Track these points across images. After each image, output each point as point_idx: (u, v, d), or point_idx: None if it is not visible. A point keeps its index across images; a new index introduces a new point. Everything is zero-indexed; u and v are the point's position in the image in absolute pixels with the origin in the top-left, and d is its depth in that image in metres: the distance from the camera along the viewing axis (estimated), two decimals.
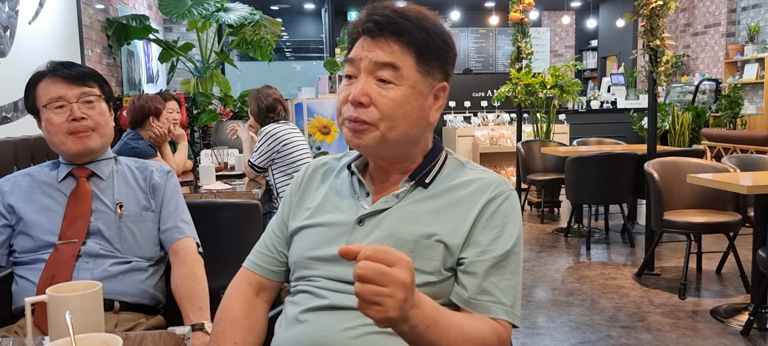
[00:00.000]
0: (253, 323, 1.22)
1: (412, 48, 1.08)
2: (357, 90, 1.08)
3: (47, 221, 1.56)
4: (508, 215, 1.12)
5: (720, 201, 3.80)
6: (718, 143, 7.68)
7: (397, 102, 1.08)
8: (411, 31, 1.07)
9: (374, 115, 1.08)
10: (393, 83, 1.07)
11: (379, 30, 1.07)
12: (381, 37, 1.08)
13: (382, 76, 1.07)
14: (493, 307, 1.07)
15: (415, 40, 1.08)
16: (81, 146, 1.58)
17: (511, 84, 6.43)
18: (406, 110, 1.09)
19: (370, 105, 1.07)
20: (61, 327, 1.04)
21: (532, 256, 4.70)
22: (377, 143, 1.10)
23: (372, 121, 1.08)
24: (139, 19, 5.26)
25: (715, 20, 9.87)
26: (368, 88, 1.07)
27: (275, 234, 1.25)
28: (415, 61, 1.08)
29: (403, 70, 1.07)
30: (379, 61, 1.07)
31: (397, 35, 1.07)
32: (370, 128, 1.08)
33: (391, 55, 1.07)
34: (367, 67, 1.08)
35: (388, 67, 1.07)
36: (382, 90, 1.08)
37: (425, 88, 1.10)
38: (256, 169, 3.50)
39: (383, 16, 1.08)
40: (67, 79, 1.56)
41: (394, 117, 1.08)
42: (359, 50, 1.09)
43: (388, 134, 1.09)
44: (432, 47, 1.09)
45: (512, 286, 1.09)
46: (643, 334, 3.13)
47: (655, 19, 3.95)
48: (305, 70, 8.67)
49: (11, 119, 3.39)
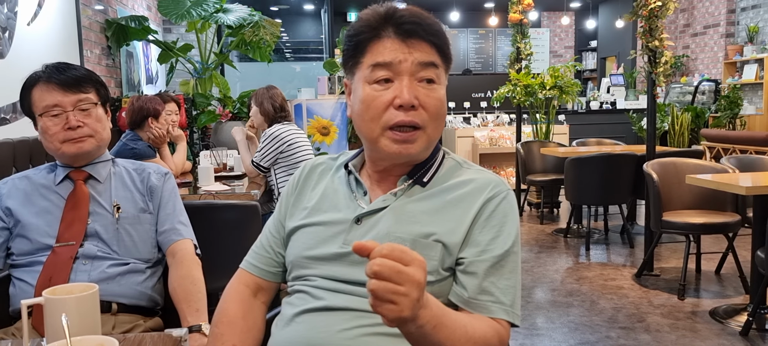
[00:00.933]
0: (251, 324, 1.21)
1: (438, 47, 1.09)
2: (407, 93, 1.05)
3: (45, 223, 1.56)
4: (507, 214, 1.12)
5: (719, 202, 3.80)
6: (718, 144, 7.69)
7: (442, 101, 1.10)
8: (439, 31, 1.09)
9: (424, 118, 1.07)
10: (436, 83, 1.08)
11: (415, 30, 1.06)
12: (415, 38, 1.07)
13: (427, 76, 1.07)
14: (493, 307, 1.06)
15: (441, 40, 1.09)
16: (76, 150, 1.58)
17: (510, 85, 6.43)
18: (444, 110, 1.11)
19: (419, 107, 1.07)
20: (58, 329, 1.04)
21: (532, 256, 4.70)
22: (424, 148, 1.10)
23: (424, 124, 1.08)
24: (138, 20, 5.26)
25: (715, 21, 9.87)
26: (416, 90, 1.06)
27: (272, 235, 1.25)
28: (442, 60, 1.10)
29: (440, 69, 1.09)
30: (423, 61, 1.06)
31: (431, 35, 1.08)
32: (420, 134, 1.08)
33: (430, 54, 1.08)
34: (410, 68, 1.06)
35: (430, 66, 1.07)
36: (428, 91, 1.08)
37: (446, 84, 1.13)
38: (261, 168, 3.51)
39: (413, 17, 1.07)
40: (62, 86, 1.55)
41: (439, 117, 1.10)
42: (396, 52, 1.06)
43: (434, 137, 1.10)
44: (447, 45, 1.12)
45: (511, 285, 1.09)
46: (642, 335, 3.13)
47: (654, 20, 3.95)
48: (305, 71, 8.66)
49: (10, 121, 3.39)
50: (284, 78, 8.22)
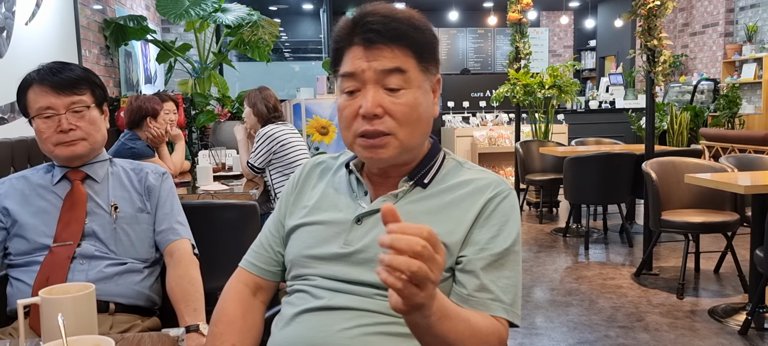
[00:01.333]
0: (251, 323, 1.21)
1: (411, 49, 1.06)
2: (369, 103, 1.04)
3: (42, 223, 1.55)
4: (507, 213, 1.11)
5: (718, 201, 3.80)
6: (717, 143, 7.69)
7: (411, 106, 1.06)
8: (406, 33, 1.06)
9: (391, 125, 1.06)
10: (403, 88, 1.06)
11: (376, 37, 1.04)
12: (378, 44, 1.05)
13: (391, 84, 1.05)
14: (493, 305, 1.06)
15: (413, 41, 1.06)
16: (68, 153, 1.58)
17: (509, 84, 6.43)
18: (420, 113, 1.08)
19: (384, 115, 1.05)
20: (54, 329, 1.04)
21: (531, 256, 4.70)
22: (397, 154, 1.08)
23: (390, 131, 1.06)
24: (136, 19, 5.25)
25: (713, 20, 9.88)
26: (379, 98, 1.05)
27: (272, 233, 1.25)
28: (416, 62, 1.07)
29: (410, 72, 1.06)
30: (385, 69, 1.04)
31: (396, 39, 1.05)
32: (389, 140, 1.07)
33: (394, 60, 1.05)
34: (373, 77, 1.05)
35: (395, 73, 1.05)
36: (393, 98, 1.06)
37: (427, 85, 1.10)
38: (255, 169, 3.50)
39: (377, 23, 1.05)
40: (56, 88, 1.55)
41: (410, 122, 1.07)
42: (358, 62, 1.05)
43: (408, 142, 1.08)
44: (426, 43, 1.09)
45: (511, 284, 1.08)
46: (641, 334, 3.13)
47: (653, 19, 3.95)
48: (303, 71, 8.66)
49: (8, 120, 3.39)
50: (283, 78, 8.22)
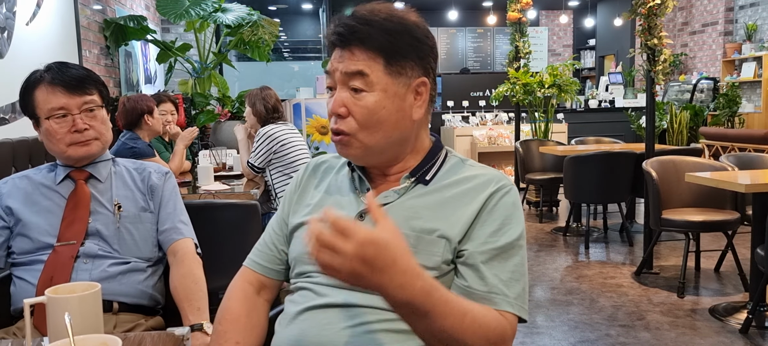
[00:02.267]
0: (255, 322, 1.22)
1: (379, 52, 1.08)
2: (334, 102, 1.10)
3: (45, 222, 1.55)
4: (510, 208, 1.11)
5: (718, 200, 3.81)
6: (716, 142, 7.70)
7: (370, 109, 1.08)
8: (372, 36, 1.07)
9: (352, 126, 1.10)
10: (365, 90, 1.08)
11: (344, 40, 1.09)
12: (348, 47, 1.09)
13: (354, 85, 1.09)
14: (497, 298, 1.05)
15: (380, 44, 1.08)
16: (83, 153, 1.59)
17: (509, 83, 6.43)
18: (382, 115, 1.09)
19: (348, 115, 1.09)
20: (60, 328, 1.04)
21: (531, 255, 4.70)
22: (362, 153, 1.12)
23: (351, 132, 1.10)
24: (136, 19, 5.25)
25: (713, 19, 9.88)
26: (344, 98, 1.09)
27: (276, 232, 1.25)
28: (384, 64, 1.08)
29: (371, 76, 1.08)
30: (348, 71, 1.08)
31: (361, 42, 1.08)
32: (351, 139, 1.10)
33: (357, 63, 1.08)
34: (340, 78, 1.10)
35: (357, 75, 1.08)
36: (355, 99, 1.09)
37: (400, 88, 1.10)
38: (255, 169, 3.50)
39: (345, 26, 1.08)
40: (68, 88, 1.55)
41: (370, 124, 1.09)
42: (333, 62, 1.11)
43: (368, 142, 1.10)
44: (399, 47, 1.09)
45: (516, 278, 1.08)
46: (641, 333, 3.14)
47: (653, 18, 3.95)
48: (303, 71, 8.66)
49: (9, 121, 3.39)
50: (283, 77, 8.22)
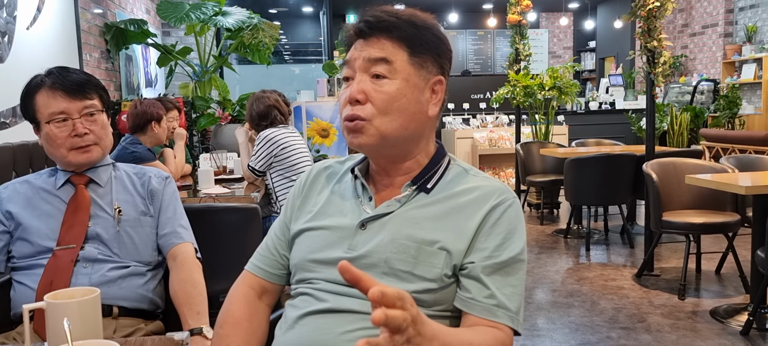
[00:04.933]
0: (256, 326, 1.22)
1: (404, 42, 1.10)
2: (354, 88, 1.10)
3: (46, 226, 1.55)
4: (513, 222, 1.11)
5: (719, 201, 3.80)
6: (717, 144, 7.69)
7: (392, 95, 1.09)
8: (400, 26, 1.10)
9: (370, 111, 1.09)
10: (387, 77, 1.10)
11: (369, 30, 1.11)
12: (372, 36, 1.11)
13: (377, 72, 1.10)
14: (498, 311, 1.06)
15: (406, 35, 1.10)
16: (84, 160, 1.59)
17: (509, 86, 6.43)
18: (402, 103, 1.10)
19: (367, 102, 1.10)
20: (60, 334, 1.04)
21: (532, 257, 4.70)
22: (376, 140, 1.10)
23: (368, 117, 1.09)
24: (137, 23, 5.26)
25: (713, 21, 9.88)
26: (364, 85, 1.10)
27: (278, 237, 1.26)
28: (408, 55, 1.10)
29: (396, 63, 1.09)
30: (371, 58, 1.10)
31: (387, 32, 1.10)
32: (366, 125, 1.10)
33: (382, 50, 1.10)
34: (362, 65, 1.11)
35: (380, 62, 1.09)
36: (376, 85, 1.10)
37: (420, 81, 1.12)
38: (256, 172, 3.49)
39: (373, 16, 1.12)
40: (68, 92, 1.55)
41: (389, 111, 1.09)
42: (353, 52, 1.13)
43: (384, 129, 1.10)
44: (423, 40, 1.11)
45: (517, 293, 1.08)
46: (642, 335, 3.13)
47: (653, 20, 3.95)
48: (304, 73, 8.66)
49: (10, 125, 3.39)
50: (283, 80, 8.22)
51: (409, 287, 1.07)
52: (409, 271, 1.07)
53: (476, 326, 1.06)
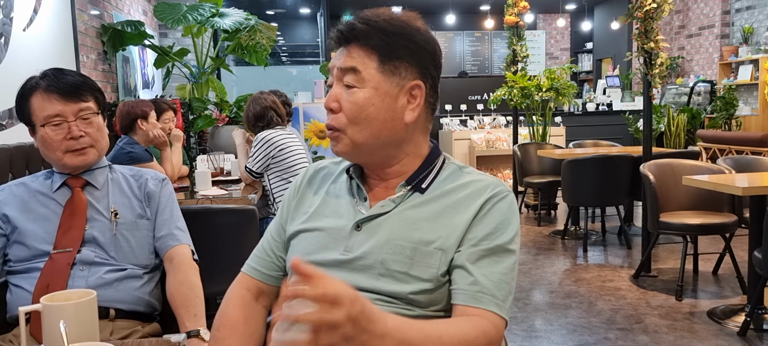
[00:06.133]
0: (253, 328, 1.21)
1: (375, 50, 1.10)
2: (327, 97, 1.13)
3: (42, 230, 1.55)
4: (504, 212, 1.11)
5: (716, 202, 3.81)
6: (714, 145, 7.71)
7: (359, 105, 1.10)
8: (369, 34, 1.10)
9: (342, 121, 1.11)
10: (355, 86, 1.10)
11: (343, 38, 1.12)
12: (346, 45, 1.12)
13: (347, 82, 1.11)
14: (484, 298, 1.04)
15: (376, 43, 1.10)
16: (79, 162, 1.58)
17: (506, 87, 6.44)
18: (371, 112, 1.10)
19: (339, 111, 1.11)
20: (56, 336, 1.04)
21: (529, 258, 4.70)
22: (350, 149, 1.13)
23: (340, 127, 1.11)
24: (134, 24, 5.25)
25: (710, 22, 9.91)
26: (337, 93, 1.12)
27: (274, 239, 1.25)
28: (378, 62, 1.10)
29: (363, 72, 1.10)
30: (342, 67, 1.11)
31: (358, 40, 1.11)
32: (340, 135, 1.12)
33: (352, 59, 1.11)
34: (337, 74, 1.13)
35: (349, 71, 1.11)
36: (347, 95, 1.11)
37: (392, 88, 1.10)
38: (253, 174, 3.48)
39: (346, 25, 1.12)
40: (63, 95, 1.54)
41: (358, 120, 1.10)
42: (333, 59, 1.15)
43: (356, 138, 1.11)
44: (394, 47, 1.10)
45: (505, 281, 1.07)
46: (640, 336, 3.13)
47: (650, 22, 3.96)
48: (301, 75, 8.66)
49: (6, 126, 3.38)
50: (281, 82, 8.21)
51: (405, 287, 1.07)
52: (404, 272, 1.07)
53: (456, 318, 1.03)
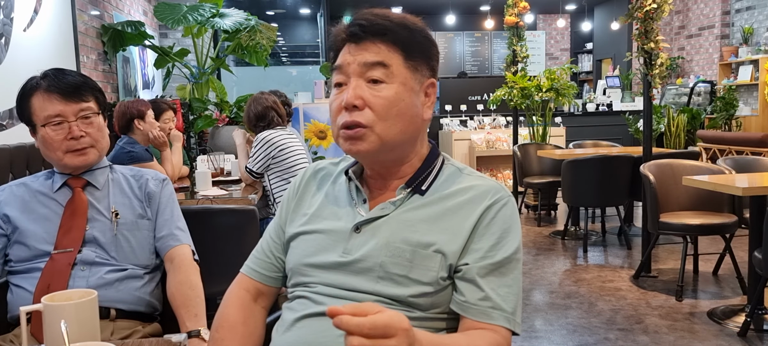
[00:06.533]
0: (252, 329, 1.21)
1: (398, 45, 1.09)
2: (350, 94, 1.07)
3: (43, 230, 1.55)
4: (507, 221, 1.10)
5: (716, 203, 3.81)
6: (714, 145, 7.71)
7: (391, 100, 1.08)
8: (394, 29, 1.09)
9: (369, 117, 1.07)
10: (384, 82, 1.08)
11: (363, 33, 1.08)
12: (366, 40, 1.08)
13: (373, 76, 1.08)
14: (494, 313, 1.05)
15: (400, 38, 1.09)
16: (80, 162, 1.58)
17: (506, 87, 6.44)
18: (401, 108, 1.08)
19: (364, 107, 1.07)
20: (57, 336, 1.04)
21: (530, 259, 4.70)
22: (377, 147, 1.09)
23: (368, 123, 1.07)
24: (134, 25, 5.25)
25: (709, 22, 9.91)
26: (360, 90, 1.07)
27: (273, 240, 1.25)
28: (403, 58, 1.09)
29: (392, 67, 1.08)
30: (367, 62, 1.08)
31: (381, 35, 1.08)
32: (366, 132, 1.07)
33: (378, 54, 1.08)
34: (356, 70, 1.08)
35: (377, 66, 1.08)
36: (374, 90, 1.08)
37: (415, 84, 1.11)
38: (254, 174, 3.49)
39: (365, 20, 1.09)
40: (64, 95, 1.54)
41: (389, 116, 1.08)
42: (346, 56, 1.10)
43: (385, 135, 1.08)
44: (416, 43, 1.10)
45: (513, 293, 1.07)
46: (640, 336, 3.13)
47: (650, 22, 3.96)
48: (301, 75, 8.66)
49: (6, 127, 3.38)
50: (281, 82, 8.21)
51: (405, 291, 1.06)
52: (404, 275, 1.07)
53: (470, 331, 1.05)
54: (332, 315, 0.81)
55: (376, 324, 0.80)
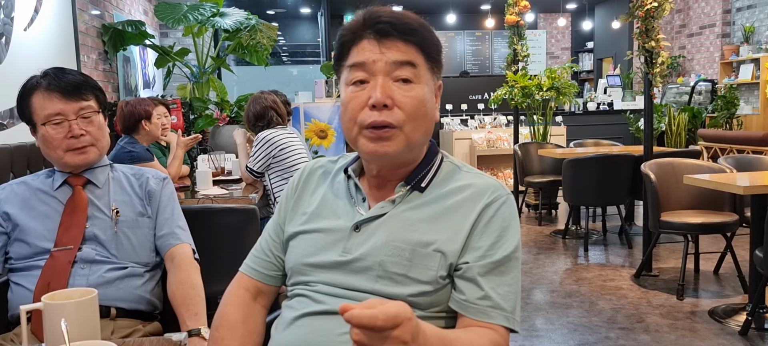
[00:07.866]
0: (252, 328, 1.21)
1: (421, 47, 1.08)
2: (379, 92, 1.04)
3: (43, 227, 1.55)
4: (507, 219, 1.10)
5: (717, 202, 3.81)
6: (715, 144, 7.70)
7: (420, 101, 1.06)
8: (418, 30, 1.07)
9: (399, 117, 1.05)
10: (413, 82, 1.06)
11: (390, 29, 1.06)
12: (391, 38, 1.06)
13: (402, 76, 1.05)
14: (493, 312, 1.05)
15: (424, 38, 1.08)
16: (80, 161, 1.58)
17: (507, 86, 6.44)
18: (427, 109, 1.08)
19: (393, 107, 1.05)
20: (57, 335, 1.04)
21: (530, 258, 4.70)
22: (403, 149, 1.07)
23: (398, 124, 1.05)
24: (134, 24, 5.25)
25: (710, 21, 9.90)
26: (389, 89, 1.05)
27: (272, 239, 1.24)
28: (425, 59, 1.08)
29: (419, 68, 1.07)
30: (397, 60, 1.05)
31: (407, 35, 1.06)
32: (396, 133, 1.05)
33: (407, 53, 1.06)
34: (383, 68, 1.05)
35: (406, 65, 1.06)
36: (404, 90, 1.05)
37: (434, 85, 1.11)
38: (254, 174, 3.49)
39: (390, 17, 1.06)
40: (64, 93, 1.55)
41: (417, 117, 1.06)
42: (370, 53, 1.06)
43: (412, 137, 1.07)
44: (433, 44, 1.10)
45: (512, 292, 1.08)
46: (641, 335, 3.13)
47: (650, 21, 3.96)
48: (302, 75, 8.66)
49: (7, 126, 3.39)
50: (281, 81, 8.21)
51: (405, 290, 1.06)
52: (403, 274, 1.07)
53: (470, 329, 1.05)
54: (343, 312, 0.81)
55: (387, 314, 0.81)
